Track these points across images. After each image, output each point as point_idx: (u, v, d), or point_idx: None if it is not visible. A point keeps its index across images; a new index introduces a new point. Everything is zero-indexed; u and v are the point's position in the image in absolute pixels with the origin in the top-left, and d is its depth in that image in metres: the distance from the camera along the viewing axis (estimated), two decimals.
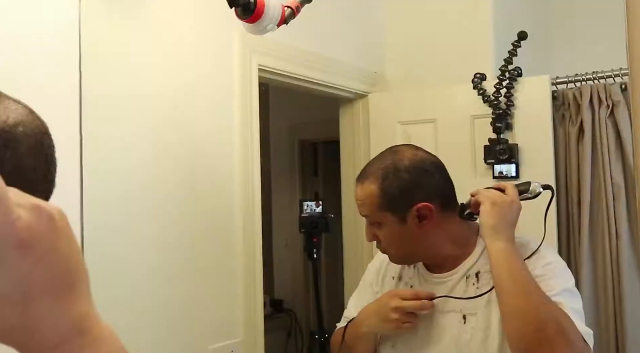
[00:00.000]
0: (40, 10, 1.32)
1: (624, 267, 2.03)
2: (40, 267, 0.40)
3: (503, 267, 1.17)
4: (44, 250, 0.40)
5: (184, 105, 1.65)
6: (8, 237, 0.38)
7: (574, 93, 2.15)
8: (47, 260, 0.40)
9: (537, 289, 1.15)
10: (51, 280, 0.41)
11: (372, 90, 2.41)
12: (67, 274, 0.42)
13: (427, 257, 1.32)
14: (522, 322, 1.12)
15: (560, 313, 1.12)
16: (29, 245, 0.39)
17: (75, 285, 0.43)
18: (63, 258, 0.42)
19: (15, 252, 0.38)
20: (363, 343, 1.34)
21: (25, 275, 0.39)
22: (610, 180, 2.06)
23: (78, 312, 0.43)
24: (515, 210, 1.24)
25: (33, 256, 0.39)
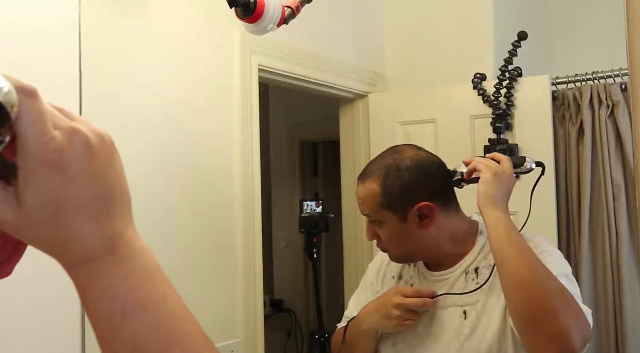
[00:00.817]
0: (40, 10, 1.32)
1: (624, 266, 2.03)
2: (72, 187, 0.43)
3: (504, 237, 1.15)
4: (76, 172, 0.43)
5: (183, 105, 1.65)
6: (39, 155, 0.41)
7: (574, 93, 2.15)
8: (80, 182, 0.43)
9: (539, 260, 1.13)
10: (83, 200, 0.43)
11: (372, 90, 2.41)
12: (100, 196, 0.45)
13: (427, 256, 1.32)
14: (529, 291, 1.10)
15: (563, 286, 1.11)
16: (59, 165, 0.42)
17: (111, 207, 0.46)
18: (97, 181, 0.44)
19: (45, 170, 0.42)
20: (364, 341, 1.34)
21: (57, 192, 0.42)
22: (610, 180, 2.06)
23: (111, 231, 0.45)
24: (511, 182, 1.24)
25: (64, 176, 0.42)
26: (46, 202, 0.42)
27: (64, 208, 0.43)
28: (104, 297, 0.44)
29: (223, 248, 1.74)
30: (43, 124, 0.42)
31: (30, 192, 0.42)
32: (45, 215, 0.43)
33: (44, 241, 0.44)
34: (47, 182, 0.42)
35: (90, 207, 0.44)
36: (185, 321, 0.48)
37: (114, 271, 0.44)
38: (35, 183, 0.42)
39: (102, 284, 0.44)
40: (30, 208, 0.42)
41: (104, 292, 0.44)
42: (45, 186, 0.42)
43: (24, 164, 0.42)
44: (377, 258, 1.47)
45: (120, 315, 0.44)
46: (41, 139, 0.42)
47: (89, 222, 0.44)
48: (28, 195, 0.42)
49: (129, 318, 0.44)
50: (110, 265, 0.44)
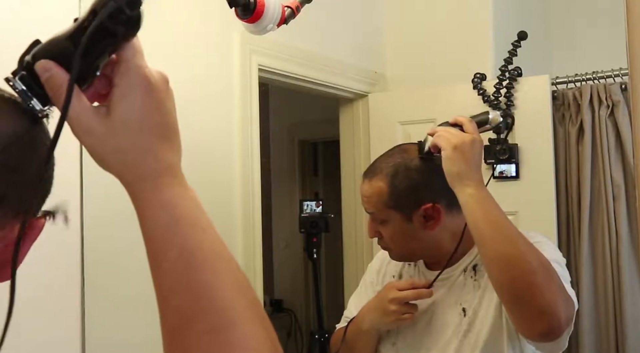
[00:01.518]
0: (40, 11, 1.32)
1: (624, 267, 2.03)
2: (154, 111, 0.52)
3: (478, 213, 1.11)
4: (158, 100, 0.52)
5: (183, 105, 1.63)
6: (139, 77, 0.51)
7: (574, 93, 2.15)
8: (160, 109, 0.52)
9: (518, 232, 1.10)
10: (160, 124, 0.52)
11: (372, 90, 2.41)
12: (169, 127, 0.53)
13: (428, 255, 1.32)
14: (509, 268, 1.07)
15: (545, 258, 1.08)
16: (150, 90, 0.51)
17: (172, 139, 0.53)
18: (169, 114, 0.53)
19: (139, 89, 0.51)
20: (364, 340, 1.34)
21: (144, 110, 0.51)
22: (610, 180, 2.06)
23: (172, 160, 0.53)
24: (478, 147, 1.16)
25: (151, 99, 0.51)
26: (134, 116, 0.50)
27: (147, 125, 0.51)
28: (164, 211, 0.51)
29: None
30: (142, 54, 0.53)
31: (123, 105, 0.50)
32: (131, 128, 0.50)
33: (123, 150, 0.50)
34: (138, 100, 0.50)
35: (164, 131, 0.53)
36: (224, 247, 0.53)
37: (175, 191, 0.52)
38: (129, 99, 0.50)
39: (164, 199, 0.51)
40: (120, 120, 0.50)
41: (165, 207, 0.51)
42: (137, 103, 0.50)
43: (123, 82, 0.50)
44: (376, 259, 1.47)
45: (174, 228, 0.51)
46: (141, 65, 0.52)
47: (162, 144, 0.52)
48: (121, 108, 0.50)
49: (180, 232, 0.51)
50: (173, 186, 0.52)
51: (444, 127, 1.20)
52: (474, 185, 1.13)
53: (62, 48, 0.50)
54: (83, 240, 1.37)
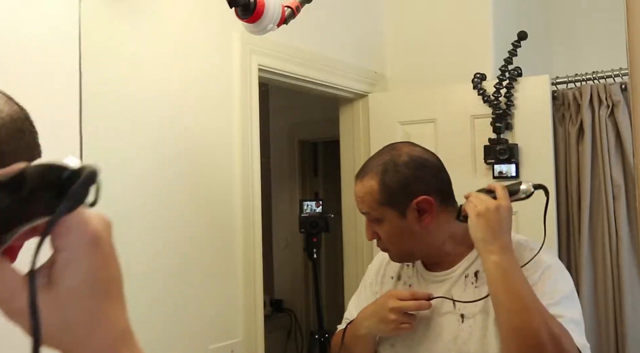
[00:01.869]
0: (40, 11, 1.32)
1: (624, 267, 2.03)
2: (104, 267, 0.44)
3: (499, 283, 1.15)
4: (107, 252, 0.45)
5: (183, 105, 1.65)
6: (82, 236, 0.43)
7: (574, 93, 2.15)
8: (108, 265, 0.45)
9: (535, 304, 1.12)
10: (111, 283, 0.45)
11: (372, 90, 2.41)
12: (116, 282, 0.46)
13: (427, 255, 1.32)
14: (520, 341, 1.11)
15: (560, 329, 1.11)
16: (96, 246, 0.44)
17: (121, 296, 0.46)
18: (117, 265, 0.46)
19: (85, 251, 0.43)
20: (362, 344, 1.34)
21: (93, 272, 0.43)
22: (610, 180, 2.06)
23: (124, 322, 0.46)
24: (505, 214, 1.19)
25: (100, 255, 0.44)
26: (82, 283, 0.43)
27: (96, 289, 0.44)
28: None
29: (223, 249, 1.74)
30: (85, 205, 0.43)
31: (69, 272, 0.42)
32: (80, 297, 0.43)
33: (73, 325, 0.43)
34: (85, 263, 0.43)
35: (114, 290, 0.45)
36: None
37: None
38: (75, 264, 0.43)
39: None
40: (66, 291, 0.42)
41: None
42: (83, 267, 0.43)
43: (64, 245, 0.42)
44: (376, 259, 1.47)
45: None
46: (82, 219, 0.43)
47: (113, 306, 0.45)
48: (67, 276, 0.42)
49: None
50: None
51: (475, 193, 1.24)
52: (497, 251, 1.16)
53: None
54: None
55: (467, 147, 2.17)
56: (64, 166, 0.41)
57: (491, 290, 1.16)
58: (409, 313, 1.25)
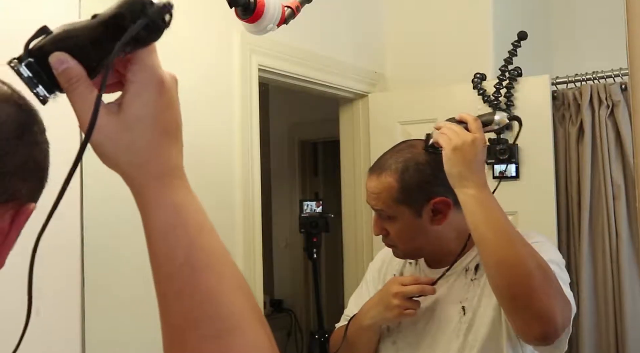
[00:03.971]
0: (40, 11, 1.32)
1: (624, 266, 2.03)
2: (166, 110, 0.52)
3: (478, 215, 1.11)
4: (170, 100, 0.52)
5: (183, 105, 1.63)
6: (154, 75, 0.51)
7: (574, 93, 2.15)
8: (171, 108, 0.52)
9: (519, 236, 1.10)
10: (170, 124, 0.52)
11: (372, 90, 2.41)
12: (178, 126, 0.53)
13: (432, 252, 1.31)
14: (507, 272, 1.07)
15: (544, 261, 1.08)
16: (163, 89, 0.51)
17: (179, 139, 0.53)
18: (178, 114, 0.53)
19: (154, 88, 0.51)
20: (366, 337, 1.33)
21: (157, 108, 0.51)
22: (610, 180, 2.06)
23: (179, 160, 0.53)
24: (479, 148, 1.14)
25: (164, 99, 0.51)
26: (148, 114, 0.50)
27: (159, 124, 0.51)
28: (171, 212, 0.51)
29: None
30: (156, 53, 0.53)
31: (137, 103, 0.50)
32: (145, 126, 0.50)
33: (135, 149, 0.50)
34: (152, 98, 0.50)
35: (174, 131, 0.53)
36: (226, 251, 0.53)
37: (182, 192, 0.52)
38: (144, 97, 0.50)
39: (172, 200, 0.51)
40: (133, 118, 0.50)
41: (172, 208, 0.51)
42: (151, 101, 0.50)
43: (137, 79, 0.50)
44: (377, 258, 1.47)
45: (182, 230, 0.50)
46: (155, 64, 0.52)
47: (172, 143, 0.52)
48: (135, 105, 0.50)
49: (187, 234, 0.50)
50: (180, 187, 0.52)
51: (448, 123, 1.19)
52: (474, 186, 1.12)
53: (80, 44, 0.50)
54: (83, 240, 1.37)
55: None
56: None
57: (471, 225, 1.12)
58: (413, 299, 1.25)
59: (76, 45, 0.50)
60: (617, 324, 2.03)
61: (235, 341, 0.49)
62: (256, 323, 0.50)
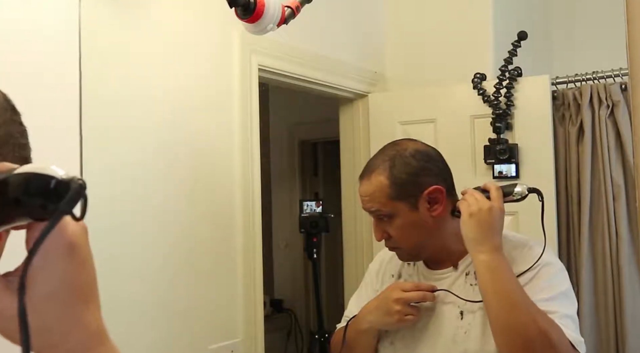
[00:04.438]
0: (40, 10, 1.32)
1: (624, 267, 2.03)
2: (80, 272, 0.45)
3: (487, 282, 1.17)
4: (83, 258, 0.45)
5: (183, 105, 1.65)
6: (59, 240, 0.43)
7: (574, 93, 2.15)
8: (85, 268, 0.46)
9: (524, 302, 1.14)
10: (86, 287, 0.46)
11: (372, 90, 2.41)
12: (94, 285, 0.47)
13: (433, 252, 1.31)
14: (509, 338, 1.13)
15: (549, 324, 1.12)
16: (72, 251, 0.44)
17: (96, 298, 0.47)
18: (92, 269, 0.47)
19: (60, 255, 0.43)
20: (364, 340, 1.34)
21: (70, 277, 0.44)
22: (610, 180, 2.06)
23: (99, 323, 0.47)
24: (496, 215, 1.21)
25: (77, 260, 0.45)
26: (57, 287, 0.43)
27: (71, 294, 0.44)
28: None
29: (223, 249, 1.74)
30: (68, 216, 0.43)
31: (44, 276, 0.43)
32: (54, 301, 0.44)
33: (47, 329, 0.43)
34: (60, 267, 0.44)
35: (89, 293, 0.46)
36: None
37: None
38: (50, 268, 0.43)
39: None
40: (40, 295, 0.43)
41: None
42: (59, 271, 0.43)
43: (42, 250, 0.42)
44: (376, 259, 1.47)
45: None
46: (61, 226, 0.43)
47: (88, 309, 0.46)
48: (40, 281, 0.43)
49: None
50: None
51: (471, 190, 1.25)
52: (487, 251, 1.18)
53: None
54: None
55: (467, 147, 2.18)
56: (51, 175, 0.42)
57: (481, 289, 1.18)
58: (413, 305, 1.26)
59: None
60: (617, 324, 2.03)
61: None
62: None
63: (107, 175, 1.44)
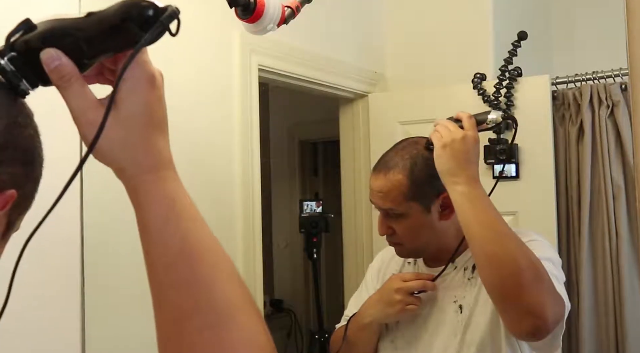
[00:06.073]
0: (40, 10, 1.32)
1: (624, 266, 2.03)
2: (159, 105, 0.53)
3: (468, 212, 1.12)
4: (160, 95, 0.53)
5: (183, 105, 1.64)
6: (144, 72, 0.52)
7: (574, 93, 2.15)
8: (162, 104, 0.54)
9: (509, 232, 1.10)
10: (161, 119, 0.54)
11: (372, 90, 2.41)
12: (166, 120, 0.55)
13: (434, 250, 1.31)
14: (497, 268, 1.07)
15: (536, 258, 1.08)
16: (154, 85, 0.53)
17: (167, 132, 0.55)
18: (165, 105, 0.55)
19: (145, 84, 0.52)
20: (366, 335, 1.33)
21: (150, 105, 0.52)
22: (610, 180, 2.06)
23: (170, 153, 0.54)
24: (470, 144, 1.15)
25: (157, 94, 0.53)
26: (141, 110, 0.51)
27: (152, 119, 0.52)
28: (166, 204, 0.52)
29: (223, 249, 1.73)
30: (146, 49, 0.53)
31: (131, 99, 0.51)
32: (138, 121, 0.51)
33: (130, 144, 0.51)
34: (145, 94, 0.52)
35: (164, 125, 0.54)
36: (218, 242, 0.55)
37: (175, 185, 0.53)
38: (137, 93, 0.51)
39: (166, 192, 0.52)
40: (127, 113, 0.51)
41: (166, 200, 0.52)
42: (143, 97, 0.52)
43: (129, 76, 0.50)
44: (377, 259, 1.47)
45: (176, 221, 0.52)
46: (147, 60, 0.53)
47: (163, 137, 0.54)
48: (128, 101, 0.51)
49: (181, 226, 0.52)
50: (174, 180, 0.53)
51: (443, 121, 1.20)
52: (464, 182, 1.13)
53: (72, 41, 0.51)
54: (83, 240, 1.37)
55: None
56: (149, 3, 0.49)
57: (461, 221, 1.13)
58: (414, 295, 1.25)
59: (68, 42, 0.51)
60: (617, 324, 2.03)
61: (231, 330, 0.50)
62: (252, 314, 0.51)
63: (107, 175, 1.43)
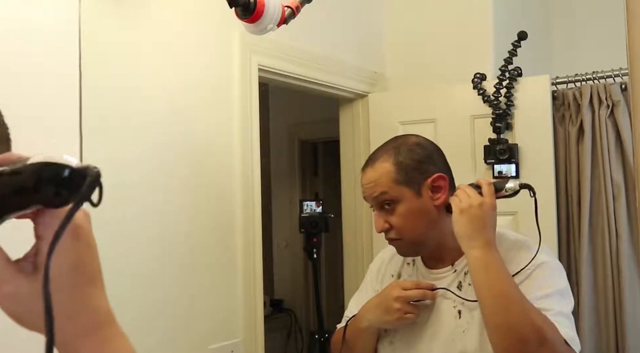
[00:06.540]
0: (40, 10, 1.32)
1: (624, 267, 2.03)
2: (86, 255, 0.48)
3: (481, 278, 1.16)
4: (88, 241, 0.48)
5: (183, 105, 1.65)
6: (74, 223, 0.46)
7: (574, 93, 2.15)
8: (90, 251, 0.48)
9: (517, 299, 1.13)
10: (92, 270, 0.49)
11: (372, 90, 2.41)
12: (99, 268, 0.50)
13: (433, 248, 1.31)
14: (503, 336, 1.12)
15: (544, 321, 1.12)
16: (78, 236, 0.47)
17: (101, 281, 0.50)
18: (97, 253, 0.50)
19: (68, 239, 0.46)
20: (364, 339, 1.34)
21: (77, 259, 0.47)
22: (610, 180, 2.06)
23: (107, 305, 0.49)
24: (488, 211, 1.20)
25: (83, 244, 0.47)
26: (67, 269, 0.46)
27: (80, 275, 0.47)
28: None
29: (223, 248, 1.74)
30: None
31: (55, 260, 0.44)
32: (65, 283, 0.46)
33: (60, 307, 0.44)
34: (68, 249, 0.46)
35: (96, 276, 0.49)
36: None
37: (119, 339, 0.49)
38: (61, 253, 0.44)
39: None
40: (52, 277, 0.43)
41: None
42: (67, 254, 0.46)
43: (50, 234, 0.44)
44: (377, 259, 1.47)
45: None
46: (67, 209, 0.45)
47: (97, 290, 0.49)
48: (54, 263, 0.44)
49: None
50: (116, 335, 0.49)
51: (463, 186, 1.25)
52: (479, 246, 1.17)
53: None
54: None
55: (467, 147, 2.18)
56: (66, 164, 0.44)
57: (474, 286, 1.18)
58: (413, 303, 1.26)
59: None
60: (617, 324, 2.03)
61: None
62: None
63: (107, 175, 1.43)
